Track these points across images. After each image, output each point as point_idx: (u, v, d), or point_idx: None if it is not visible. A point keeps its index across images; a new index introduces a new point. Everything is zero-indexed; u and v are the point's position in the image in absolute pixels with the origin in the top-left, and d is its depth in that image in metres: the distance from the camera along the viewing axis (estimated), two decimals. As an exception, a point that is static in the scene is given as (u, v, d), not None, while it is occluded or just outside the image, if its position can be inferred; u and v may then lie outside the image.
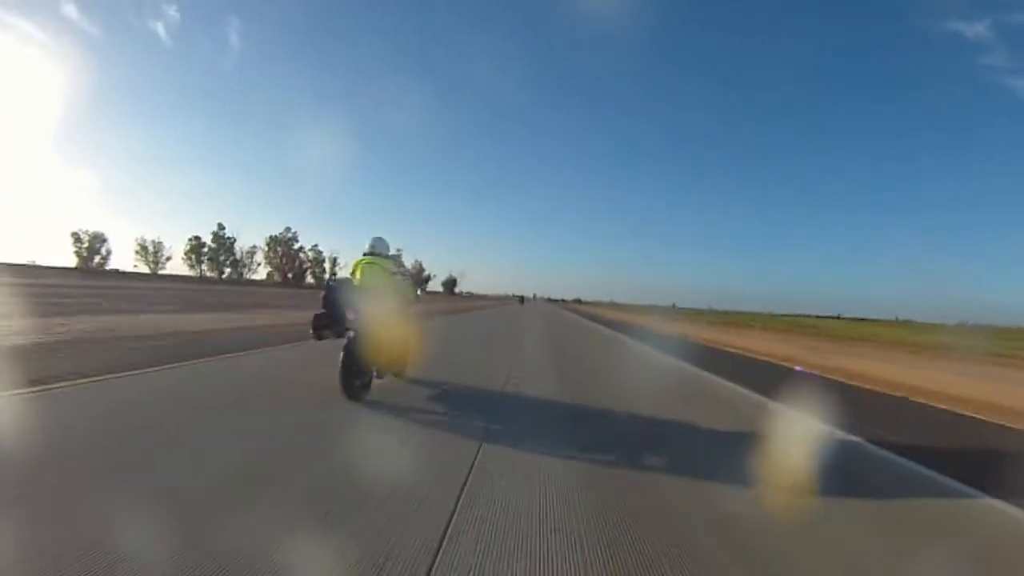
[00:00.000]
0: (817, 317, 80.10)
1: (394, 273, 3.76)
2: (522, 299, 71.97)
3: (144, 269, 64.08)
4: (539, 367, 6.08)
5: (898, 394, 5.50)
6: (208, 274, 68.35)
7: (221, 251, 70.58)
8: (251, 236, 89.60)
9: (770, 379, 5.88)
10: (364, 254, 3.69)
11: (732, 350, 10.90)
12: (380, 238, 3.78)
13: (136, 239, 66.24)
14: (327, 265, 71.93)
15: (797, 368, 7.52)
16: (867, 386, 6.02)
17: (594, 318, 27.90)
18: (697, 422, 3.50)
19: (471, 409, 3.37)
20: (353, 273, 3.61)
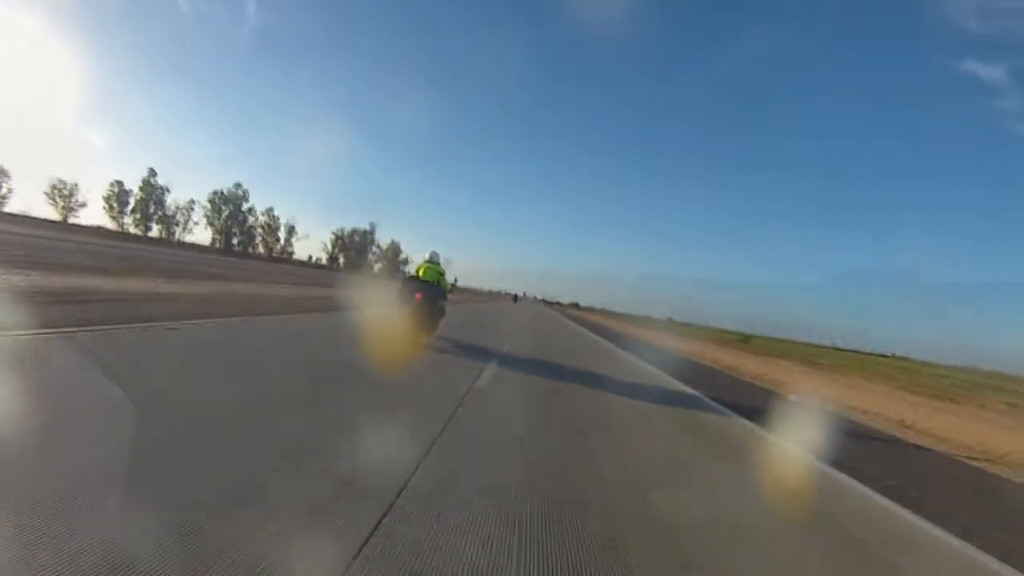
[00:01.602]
0: (815, 346, 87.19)
1: (441, 273, 7.60)
2: (516, 297, 79.60)
3: (53, 215, 63.82)
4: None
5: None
6: (132, 229, 68.11)
7: (150, 202, 70.30)
8: (198, 192, 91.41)
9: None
10: (425, 260, 7.55)
11: None
12: (435, 251, 7.67)
13: (49, 178, 65.33)
14: (282, 234, 73.26)
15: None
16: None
17: (614, 337, 21.29)
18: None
19: (482, 355, 7.31)
20: (417, 271, 7.46)
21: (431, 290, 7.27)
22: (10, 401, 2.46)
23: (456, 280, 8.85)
